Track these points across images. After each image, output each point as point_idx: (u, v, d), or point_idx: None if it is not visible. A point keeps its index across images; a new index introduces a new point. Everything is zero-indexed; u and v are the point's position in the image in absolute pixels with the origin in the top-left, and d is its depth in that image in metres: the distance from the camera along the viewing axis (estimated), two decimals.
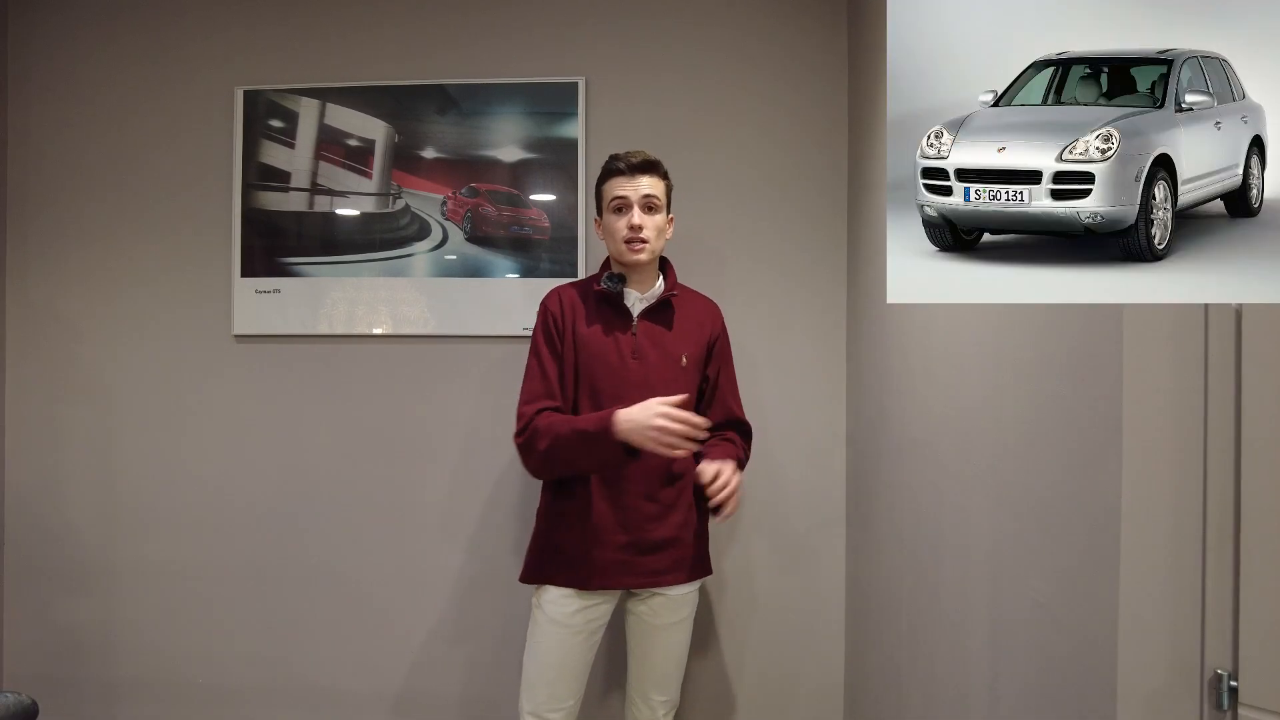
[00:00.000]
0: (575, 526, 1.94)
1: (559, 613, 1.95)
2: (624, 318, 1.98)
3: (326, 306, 2.51)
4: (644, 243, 1.93)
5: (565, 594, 1.94)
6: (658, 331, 1.98)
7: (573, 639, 1.96)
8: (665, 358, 1.97)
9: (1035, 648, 1.23)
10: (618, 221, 1.94)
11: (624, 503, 1.93)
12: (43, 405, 2.59)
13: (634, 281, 1.99)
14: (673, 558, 1.97)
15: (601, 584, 1.94)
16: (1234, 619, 0.96)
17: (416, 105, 2.49)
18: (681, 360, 1.99)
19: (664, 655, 2.02)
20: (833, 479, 2.47)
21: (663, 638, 2.01)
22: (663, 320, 1.99)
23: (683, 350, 2.00)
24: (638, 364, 1.94)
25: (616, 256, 1.98)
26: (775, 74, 2.47)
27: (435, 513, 2.51)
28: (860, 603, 2.31)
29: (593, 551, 1.92)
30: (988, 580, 1.40)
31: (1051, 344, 1.20)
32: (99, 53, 2.59)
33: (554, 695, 1.96)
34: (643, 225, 1.92)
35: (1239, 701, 0.95)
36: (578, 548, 1.93)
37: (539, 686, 1.96)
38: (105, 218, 2.58)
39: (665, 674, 2.04)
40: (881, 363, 2.09)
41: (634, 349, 1.95)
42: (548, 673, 1.95)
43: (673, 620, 2.01)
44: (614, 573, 1.94)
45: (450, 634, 2.51)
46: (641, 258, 1.94)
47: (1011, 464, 1.32)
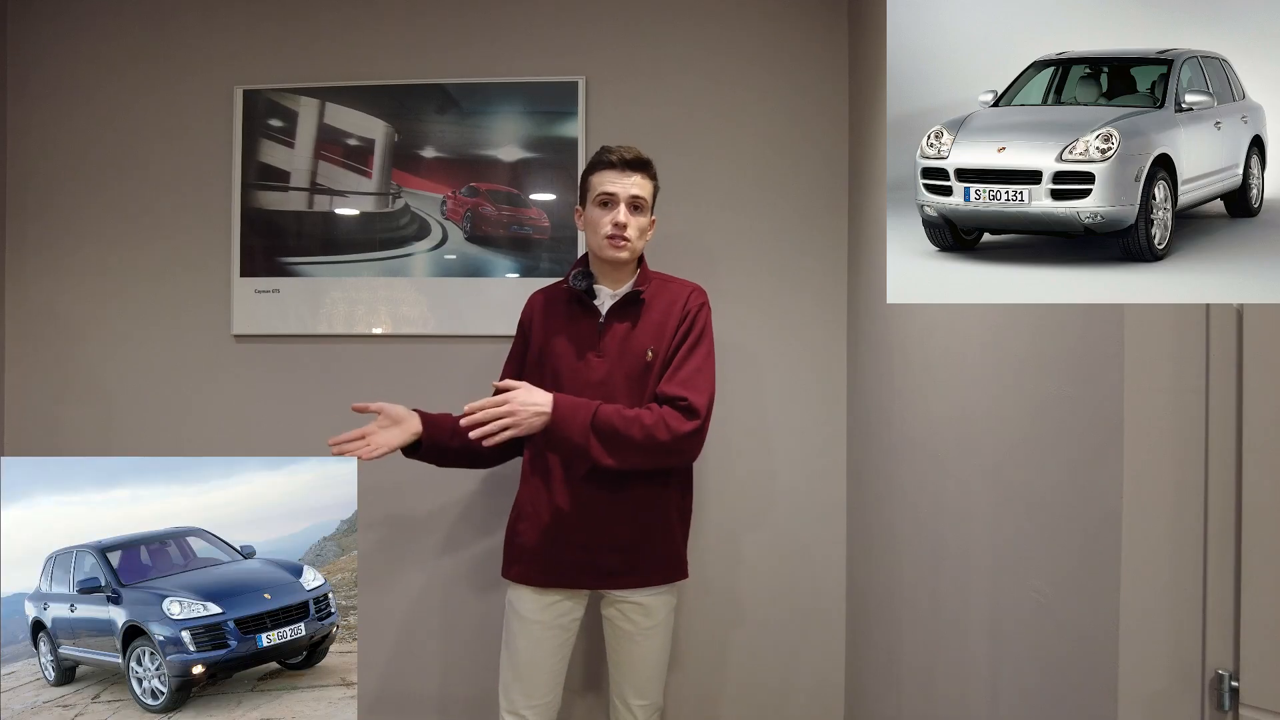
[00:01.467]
0: (537, 523, 1.94)
1: (525, 608, 1.95)
2: (592, 315, 1.95)
3: (326, 306, 2.51)
4: (626, 241, 1.90)
5: (529, 591, 1.95)
6: (624, 328, 1.94)
7: (542, 634, 1.94)
8: (629, 354, 1.92)
9: (1035, 648, 1.23)
10: (602, 216, 1.91)
11: (584, 500, 1.90)
12: (43, 405, 2.59)
13: (608, 278, 1.97)
14: (634, 560, 1.93)
15: (559, 583, 1.93)
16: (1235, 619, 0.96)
17: (416, 105, 2.49)
18: (647, 355, 1.92)
19: (640, 660, 1.99)
20: (833, 479, 2.47)
21: (637, 643, 1.98)
22: (630, 316, 1.95)
23: (649, 344, 1.92)
24: (600, 361, 1.92)
25: (596, 250, 1.94)
26: (775, 74, 2.47)
27: (434, 513, 2.51)
28: (860, 603, 2.31)
29: (551, 549, 1.92)
30: (988, 580, 1.40)
31: (1052, 344, 1.20)
32: (98, 52, 2.59)
33: (527, 692, 1.94)
34: (627, 224, 1.89)
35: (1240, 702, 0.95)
36: (539, 544, 1.93)
37: (513, 683, 1.95)
38: (105, 217, 2.58)
39: (644, 678, 2.00)
40: (881, 363, 2.09)
41: (597, 346, 1.93)
42: (520, 669, 1.95)
43: (646, 626, 1.97)
44: (572, 572, 1.92)
45: (446, 636, 2.51)
46: (622, 255, 1.91)
47: (1012, 464, 1.32)
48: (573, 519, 1.91)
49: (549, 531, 1.93)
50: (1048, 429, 1.20)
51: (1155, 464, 0.99)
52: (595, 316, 1.95)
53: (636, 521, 1.92)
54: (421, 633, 2.51)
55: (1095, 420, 1.06)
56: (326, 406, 2.51)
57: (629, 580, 1.94)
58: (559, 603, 1.95)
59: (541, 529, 1.93)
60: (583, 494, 1.91)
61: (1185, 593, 0.98)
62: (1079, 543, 1.10)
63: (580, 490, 1.91)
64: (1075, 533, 1.11)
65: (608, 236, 1.89)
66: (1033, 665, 1.24)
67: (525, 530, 1.96)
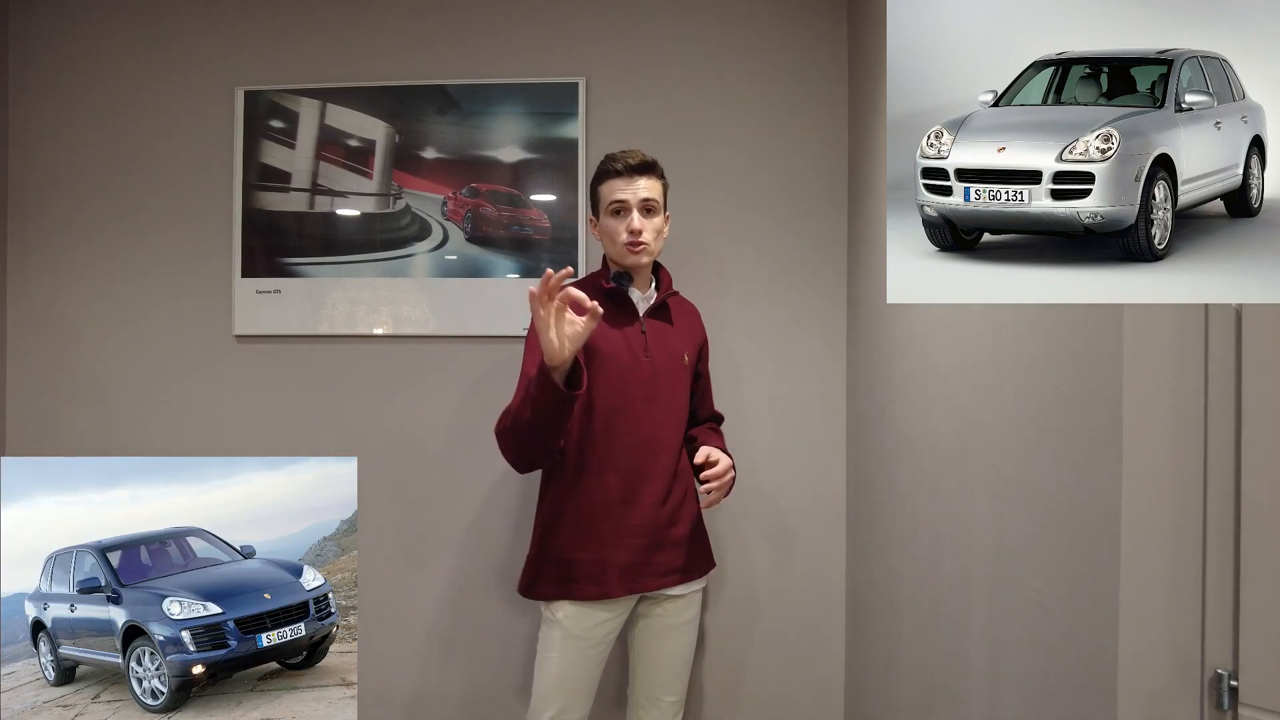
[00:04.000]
0: (587, 533, 1.90)
1: (578, 627, 1.90)
2: (631, 315, 1.97)
3: (327, 307, 2.51)
4: (644, 245, 1.92)
5: (585, 607, 1.90)
6: (663, 329, 2.00)
7: (590, 651, 1.91)
8: (670, 355, 1.98)
9: (1035, 648, 1.23)
10: (617, 225, 1.92)
11: (642, 502, 1.91)
12: (43, 405, 2.60)
13: (634, 281, 2.00)
14: (686, 555, 1.97)
15: (625, 590, 1.90)
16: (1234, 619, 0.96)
17: (417, 105, 2.49)
18: (684, 358, 2.01)
19: (675, 654, 2.01)
20: (833, 479, 2.47)
21: (674, 638, 2.00)
22: (665, 318, 2.01)
23: (684, 348, 2.02)
24: (648, 361, 1.94)
25: (616, 259, 1.97)
26: (775, 74, 2.48)
27: (434, 513, 2.51)
28: (860, 603, 2.31)
29: (610, 557, 1.89)
30: (988, 580, 1.40)
31: (1052, 344, 1.20)
32: (99, 53, 2.59)
33: (567, 708, 1.91)
34: (642, 229, 1.91)
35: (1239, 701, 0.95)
36: (593, 557, 1.89)
37: (552, 700, 1.91)
38: (105, 218, 2.58)
39: (675, 673, 2.02)
40: (881, 363, 2.09)
41: (644, 346, 1.95)
42: (564, 686, 1.90)
43: (684, 620, 2.00)
44: (634, 576, 1.91)
45: (446, 636, 2.51)
46: (642, 260, 1.94)
47: (1012, 464, 1.32)
48: (631, 523, 1.90)
49: (604, 540, 1.89)
50: (1047, 429, 1.20)
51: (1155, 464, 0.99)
52: (634, 317, 1.97)
53: (683, 516, 1.97)
54: (421, 632, 2.51)
55: (1095, 420, 1.06)
56: (327, 407, 2.52)
57: (684, 577, 1.97)
58: (618, 615, 1.93)
59: (594, 539, 1.89)
60: (639, 496, 1.91)
61: (1184, 592, 0.98)
62: (1079, 543, 1.10)
63: (637, 492, 1.91)
64: (1075, 533, 1.11)
65: (626, 244, 1.91)
66: (1033, 665, 1.24)
67: (571, 543, 1.90)
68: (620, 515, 1.90)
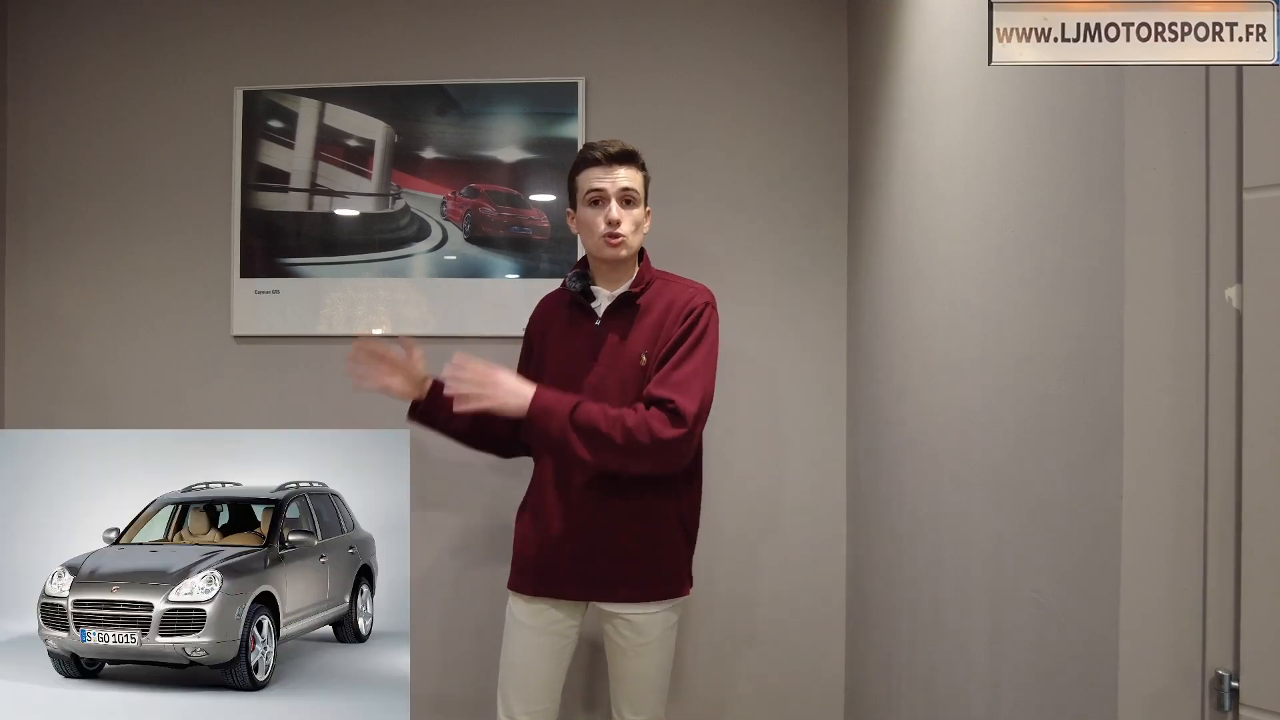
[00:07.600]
0: (534, 530, 1.90)
1: (520, 613, 1.91)
2: (590, 318, 1.89)
3: (326, 307, 2.51)
4: (622, 238, 1.82)
5: (521, 598, 1.91)
6: (621, 330, 1.86)
7: (537, 640, 1.89)
8: (622, 357, 1.84)
9: (1035, 648, 1.22)
10: (594, 216, 1.83)
11: (580, 507, 1.84)
12: (43, 405, 2.59)
13: (606, 278, 1.89)
14: (627, 573, 1.84)
15: (546, 591, 1.88)
16: (1235, 619, 0.96)
17: (416, 105, 2.49)
18: (640, 359, 1.82)
19: (637, 676, 1.90)
20: (833, 479, 2.46)
21: (632, 660, 1.89)
22: (627, 318, 1.86)
23: (643, 348, 1.83)
24: (594, 365, 1.85)
25: (593, 251, 1.88)
26: (775, 74, 2.47)
27: (434, 513, 2.50)
28: (860, 603, 2.31)
29: (542, 556, 1.88)
30: (988, 580, 1.40)
31: (1052, 344, 1.20)
32: (98, 53, 2.59)
33: (523, 698, 1.89)
34: (620, 220, 1.81)
35: (1240, 702, 0.95)
36: (533, 552, 1.90)
37: (509, 689, 1.91)
38: (105, 218, 2.58)
39: (639, 694, 1.91)
40: (881, 363, 2.09)
41: (591, 350, 1.87)
42: (516, 674, 1.90)
43: (638, 642, 1.87)
44: (558, 582, 1.87)
45: (443, 636, 2.50)
46: (620, 254, 1.84)
47: (1011, 464, 1.32)
48: (565, 526, 1.85)
49: (543, 539, 1.88)
50: (1047, 429, 1.20)
51: (1155, 464, 0.98)
52: (593, 319, 1.88)
53: (630, 532, 1.83)
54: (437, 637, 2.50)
55: (1095, 420, 1.05)
56: (326, 407, 2.52)
57: (620, 593, 1.85)
58: (547, 611, 1.89)
59: (537, 536, 1.89)
60: (579, 501, 1.84)
61: (1185, 593, 0.98)
62: (1079, 543, 1.10)
63: (577, 497, 1.84)
64: (1075, 533, 1.11)
65: (603, 236, 1.82)
66: (1033, 665, 1.24)
67: (523, 537, 1.94)
68: (559, 519, 1.85)
